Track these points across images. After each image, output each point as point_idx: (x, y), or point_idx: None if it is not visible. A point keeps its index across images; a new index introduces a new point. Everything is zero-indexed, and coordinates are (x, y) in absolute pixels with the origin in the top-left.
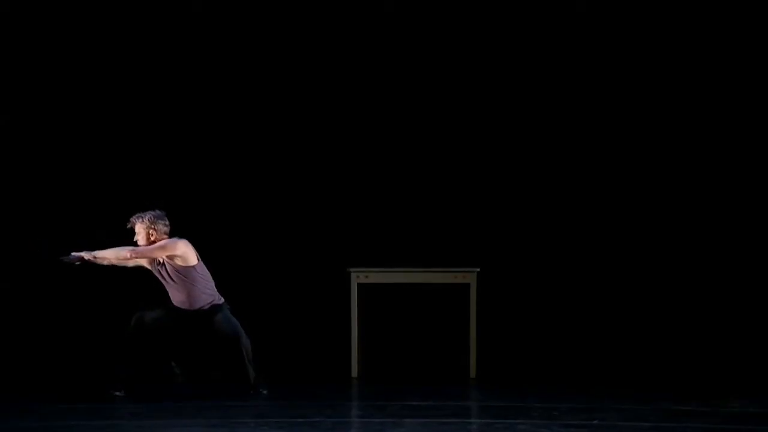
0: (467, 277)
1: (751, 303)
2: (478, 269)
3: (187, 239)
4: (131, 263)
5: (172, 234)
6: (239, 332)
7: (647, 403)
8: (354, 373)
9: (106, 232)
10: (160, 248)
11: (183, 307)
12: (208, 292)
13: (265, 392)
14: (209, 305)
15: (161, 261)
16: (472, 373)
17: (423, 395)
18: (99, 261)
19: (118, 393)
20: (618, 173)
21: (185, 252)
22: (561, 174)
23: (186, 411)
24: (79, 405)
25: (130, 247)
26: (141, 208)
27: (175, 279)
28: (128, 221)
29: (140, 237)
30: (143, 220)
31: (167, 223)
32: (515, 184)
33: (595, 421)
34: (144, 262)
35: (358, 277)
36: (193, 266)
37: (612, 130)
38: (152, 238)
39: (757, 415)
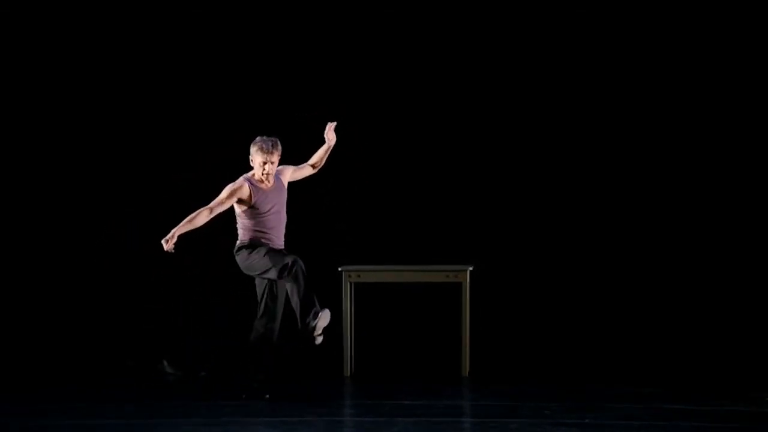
0: (460, 275)
1: (745, 302)
2: (471, 267)
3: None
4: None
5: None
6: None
7: (639, 402)
8: (347, 372)
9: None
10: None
11: (280, 243)
12: None
13: (267, 396)
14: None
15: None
16: (465, 371)
17: (416, 394)
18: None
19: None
20: (611, 171)
21: None
22: (554, 172)
23: (178, 410)
24: (71, 404)
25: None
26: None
27: (283, 208)
28: (268, 152)
29: (276, 163)
30: (272, 144)
31: None
32: (508, 182)
33: (586, 420)
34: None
35: (350, 276)
36: None
37: (606, 127)
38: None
39: (748, 414)
